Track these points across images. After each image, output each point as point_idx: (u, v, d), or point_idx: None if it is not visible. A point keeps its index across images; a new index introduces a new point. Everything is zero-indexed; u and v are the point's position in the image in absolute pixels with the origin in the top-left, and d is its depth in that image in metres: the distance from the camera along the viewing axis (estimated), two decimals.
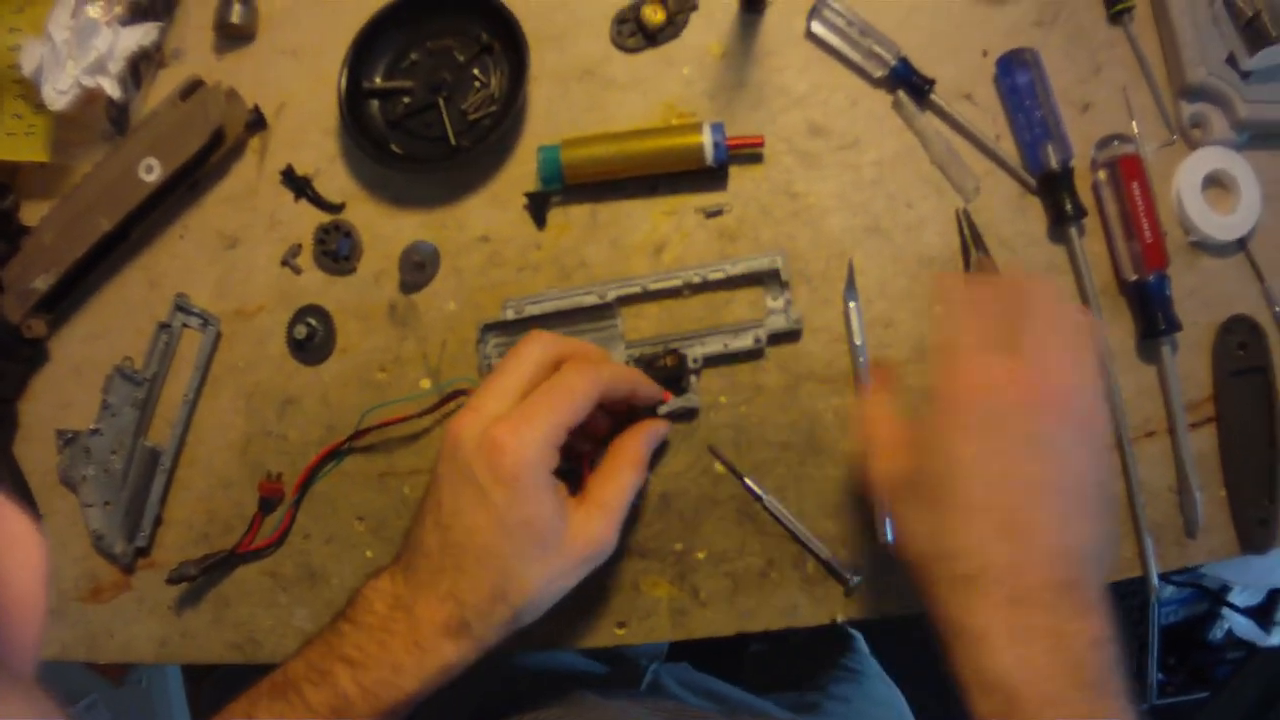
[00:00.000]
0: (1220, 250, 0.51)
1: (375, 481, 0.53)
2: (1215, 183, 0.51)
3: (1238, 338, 0.50)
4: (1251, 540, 0.49)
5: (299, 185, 0.54)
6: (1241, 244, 0.51)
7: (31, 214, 0.56)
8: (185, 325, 0.56)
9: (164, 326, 0.55)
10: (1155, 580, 0.48)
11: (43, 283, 0.53)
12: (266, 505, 0.53)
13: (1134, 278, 0.50)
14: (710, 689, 0.67)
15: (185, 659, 0.55)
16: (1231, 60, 0.50)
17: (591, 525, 0.42)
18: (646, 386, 0.46)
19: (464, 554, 0.41)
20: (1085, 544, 0.36)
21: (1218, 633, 1.25)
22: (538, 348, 0.43)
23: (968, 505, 0.36)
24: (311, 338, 0.52)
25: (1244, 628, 1.11)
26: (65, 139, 0.57)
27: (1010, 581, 0.35)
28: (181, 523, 0.55)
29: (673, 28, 0.53)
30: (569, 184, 0.50)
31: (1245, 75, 0.50)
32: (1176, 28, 0.51)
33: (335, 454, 0.53)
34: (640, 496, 0.50)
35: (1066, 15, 0.53)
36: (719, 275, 0.50)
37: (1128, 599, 1.14)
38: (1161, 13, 0.52)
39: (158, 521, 0.55)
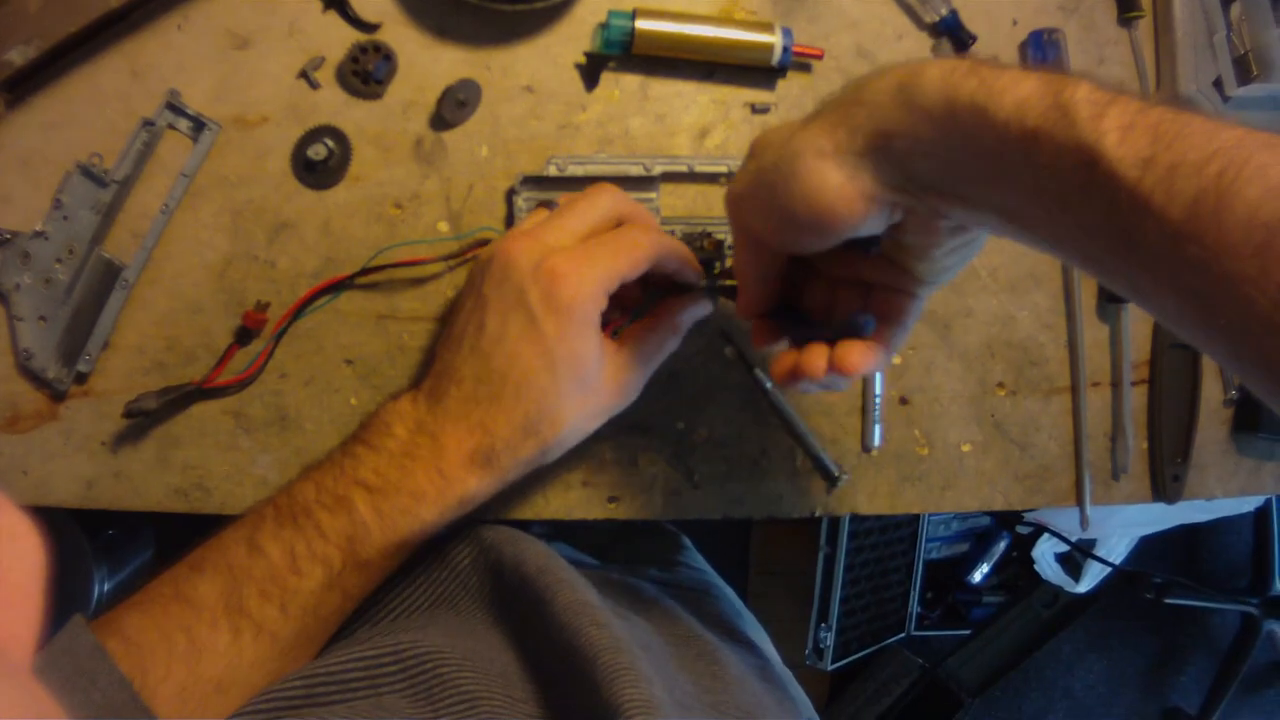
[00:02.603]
0: None
1: (372, 324, 0.50)
2: None
3: None
4: (1164, 491, 0.56)
5: None
6: None
7: None
8: (171, 127, 0.50)
9: (148, 123, 0.49)
10: (1089, 510, 0.54)
11: (19, 55, 0.45)
12: (244, 336, 0.49)
13: None
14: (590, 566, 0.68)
15: (116, 504, 0.49)
16: (1218, 84, 0.57)
17: (624, 373, 0.43)
18: (693, 266, 0.46)
19: (502, 383, 0.40)
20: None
21: (976, 575, 1.38)
22: (608, 199, 0.43)
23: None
24: (327, 160, 0.49)
25: (1053, 573, 1.23)
26: None
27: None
28: (131, 348, 0.49)
29: None
30: (632, 54, 0.50)
31: (1226, 99, 0.57)
32: (1178, 45, 0.57)
33: (333, 288, 0.49)
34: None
35: (1086, 8, 0.59)
36: None
37: (899, 528, 1.24)
38: (1166, 28, 0.59)
39: (104, 345, 0.49)
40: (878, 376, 0.52)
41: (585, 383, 0.41)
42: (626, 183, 0.50)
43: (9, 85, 0.48)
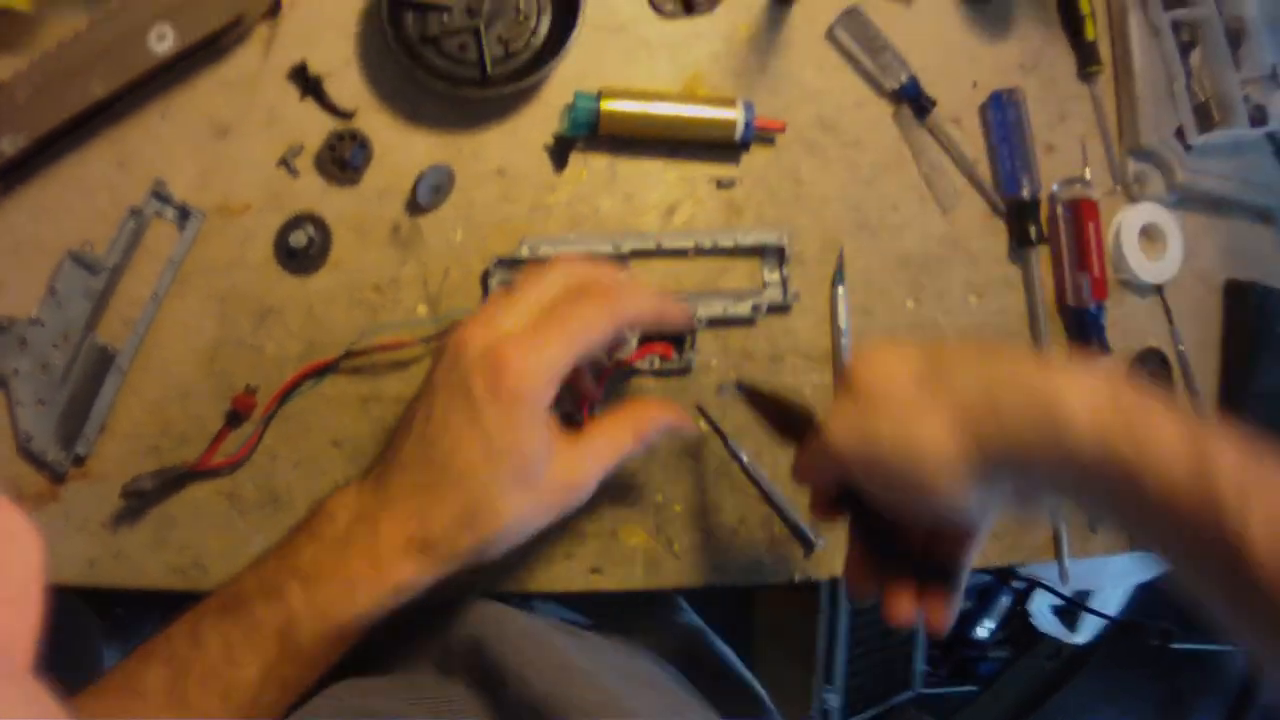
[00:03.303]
0: (1141, 290, 0.60)
1: (357, 406, 0.51)
2: (1145, 233, 0.59)
3: (1149, 366, 0.58)
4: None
5: (310, 84, 0.51)
6: (1159, 289, 0.60)
7: None
8: (158, 215, 0.52)
9: (135, 212, 0.51)
10: (1067, 564, 0.55)
11: (10, 145, 0.47)
12: (234, 419, 0.50)
13: (1074, 304, 0.57)
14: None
15: (117, 582, 0.50)
16: (1179, 133, 0.58)
17: (576, 469, 0.41)
18: (673, 314, 0.43)
19: (442, 472, 0.39)
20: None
21: (981, 631, 1.35)
22: (562, 277, 0.41)
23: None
24: (308, 247, 0.50)
25: (1050, 625, 1.23)
26: None
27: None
28: (126, 433, 0.50)
29: (709, 2, 0.55)
30: (599, 134, 0.51)
31: (1188, 148, 0.59)
32: (1139, 97, 0.59)
33: (318, 372, 0.51)
34: None
35: (1045, 65, 0.60)
36: (729, 243, 0.52)
37: None
38: (1125, 80, 0.60)
39: (100, 428, 0.50)
40: None
41: (528, 479, 0.39)
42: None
43: (0, 174, 0.50)
